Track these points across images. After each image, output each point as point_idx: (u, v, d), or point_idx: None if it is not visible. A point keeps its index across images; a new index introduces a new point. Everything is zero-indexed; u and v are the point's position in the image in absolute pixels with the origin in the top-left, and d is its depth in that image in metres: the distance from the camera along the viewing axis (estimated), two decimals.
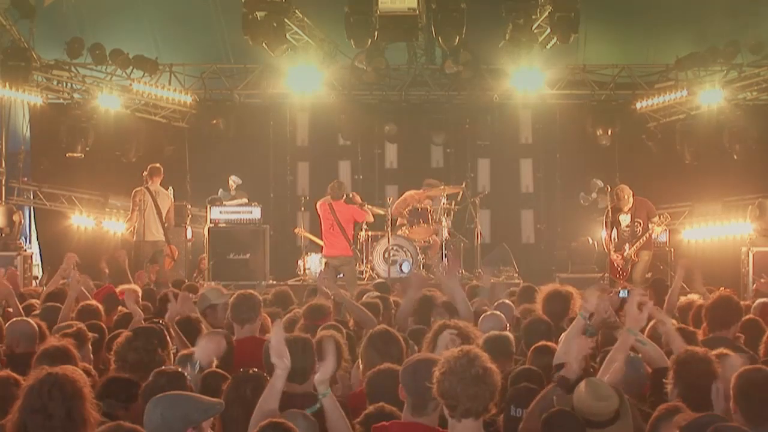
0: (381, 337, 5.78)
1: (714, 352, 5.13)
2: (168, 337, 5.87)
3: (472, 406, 4.19)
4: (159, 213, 13.80)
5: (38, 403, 3.99)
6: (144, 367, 5.36)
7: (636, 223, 13.39)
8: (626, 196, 13.34)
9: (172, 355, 5.89)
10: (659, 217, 13.41)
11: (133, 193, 13.92)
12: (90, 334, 6.56)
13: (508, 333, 6.63)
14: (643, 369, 5.17)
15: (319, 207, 13.86)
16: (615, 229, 13.50)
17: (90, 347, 6.44)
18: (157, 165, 14.15)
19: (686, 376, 4.87)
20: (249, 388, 4.76)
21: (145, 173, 13.88)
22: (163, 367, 5.16)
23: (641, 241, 13.29)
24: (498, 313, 7.42)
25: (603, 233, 13.94)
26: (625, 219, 13.42)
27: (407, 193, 15.30)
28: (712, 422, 4.04)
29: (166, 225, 13.92)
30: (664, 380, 4.96)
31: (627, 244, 13.33)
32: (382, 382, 4.94)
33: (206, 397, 4.30)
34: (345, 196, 14.04)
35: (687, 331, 6.52)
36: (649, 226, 13.30)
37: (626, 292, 6.70)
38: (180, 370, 5.09)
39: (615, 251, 13.43)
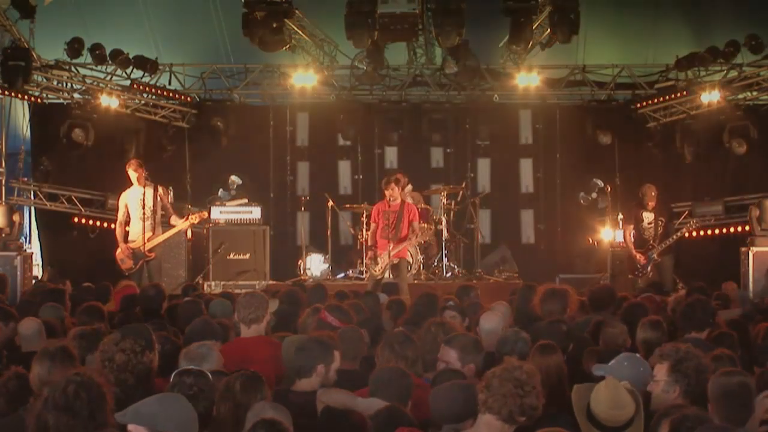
0: (398, 339, 5.82)
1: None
2: (154, 338, 5.53)
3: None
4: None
5: (63, 402, 4.03)
6: (131, 369, 5.15)
7: (658, 222, 13.42)
8: (653, 194, 13.40)
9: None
10: (690, 222, 13.68)
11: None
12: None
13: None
14: (647, 368, 5.16)
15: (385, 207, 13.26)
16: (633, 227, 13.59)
17: None
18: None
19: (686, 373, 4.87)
20: (239, 386, 4.74)
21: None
22: (185, 367, 5.07)
23: (669, 241, 13.31)
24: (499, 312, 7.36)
25: (620, 228, 14.00)
26: (648, 216, 13.44)
27: None
28: (704, 420, 4.04)
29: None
30: None
31: (648, 243, 13.36)
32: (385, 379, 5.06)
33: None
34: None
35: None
36: (676, 228, 13.46)
37: None
38: (203, 369, 5.00)
39: (636, 249, 13.45)
